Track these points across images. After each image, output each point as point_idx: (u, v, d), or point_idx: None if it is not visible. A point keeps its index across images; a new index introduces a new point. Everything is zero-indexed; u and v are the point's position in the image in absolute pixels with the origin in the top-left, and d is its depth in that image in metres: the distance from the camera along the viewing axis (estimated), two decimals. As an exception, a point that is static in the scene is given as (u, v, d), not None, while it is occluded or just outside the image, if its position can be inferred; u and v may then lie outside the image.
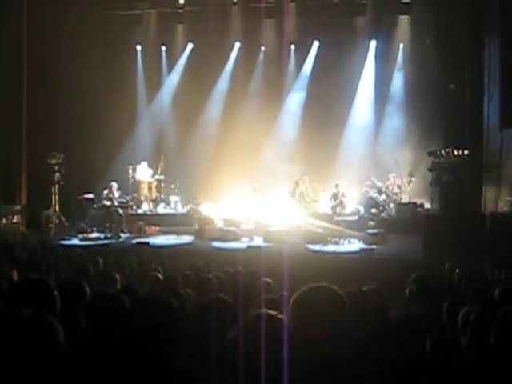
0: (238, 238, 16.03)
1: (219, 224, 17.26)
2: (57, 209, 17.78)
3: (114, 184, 17.11)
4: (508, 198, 14.97)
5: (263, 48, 20.81)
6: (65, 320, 2.67)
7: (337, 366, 2.45)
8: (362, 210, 18.03)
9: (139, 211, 18.96)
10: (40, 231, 17.09)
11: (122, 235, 16.41)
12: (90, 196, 17.80)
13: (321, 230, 15.96)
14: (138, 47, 21.22)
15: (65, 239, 15.78)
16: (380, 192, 18.43)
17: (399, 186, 18.67)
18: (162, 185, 19.84)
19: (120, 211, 16.94)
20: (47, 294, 3.59)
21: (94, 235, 16.39)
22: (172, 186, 19.64)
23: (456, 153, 15.22)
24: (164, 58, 21.46)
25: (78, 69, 18.91)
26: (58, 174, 17.71)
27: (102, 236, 16.25)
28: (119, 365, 2.66)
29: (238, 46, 20.98)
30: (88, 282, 4.60)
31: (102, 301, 3.67)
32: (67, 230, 17.00)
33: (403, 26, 19.78)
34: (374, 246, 14.71)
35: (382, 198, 18.39)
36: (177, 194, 19.66)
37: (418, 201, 18.05)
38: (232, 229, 16.46)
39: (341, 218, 16.56)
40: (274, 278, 6.43)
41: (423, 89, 18.80)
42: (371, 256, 13.77)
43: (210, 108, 20.92)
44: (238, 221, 17.30)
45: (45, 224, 17.41)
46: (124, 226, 16.94)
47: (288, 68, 20.77)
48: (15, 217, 17.01)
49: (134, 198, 18.78)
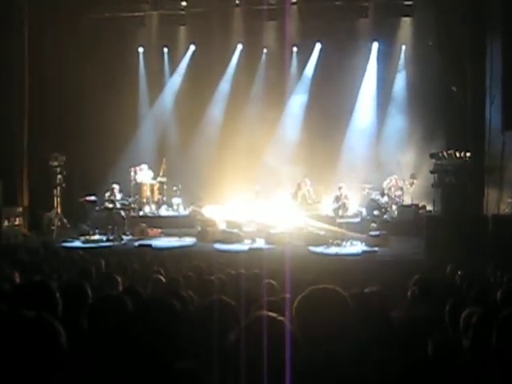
0: (240, 240, 16.04)
1: (221, 226, 17.26)
2: (59, 211, 17.81)
3: (116, 186, 17.13)
4: (510, 200, 14.94)
5: (265, 50, 20.81)
6: (67, 322, 2.67)
7: (339, 368, 2.46)
8: (364, 212, 18.03)
9: (141, 213, 18.97)
10: (42, 233, 17.11)
11: (124, 237, 16.44)
12: (92, 198, 17.80)
13: (323, 232, 15.97)
14: (141, 49, 21.24)
15: (67, 241, 15.79)
16: (382, 194, 18.43)
17: (401, 188, 18.67)
18: (165, 187, 19.85)
19: (122, 213, 16.94)
20: (49, 296, 3.59)
21: (96, 237, 16.42)
22: (174, 188, 19.67)
23: (458, 155, 15.22)
24: (166, 60, 21.47)
25: (80, 71, 18.92)
26: (60, 176, 17.74)
27: (104, 238, 16.27)
28: (121, 367, 2.66)
29: (240, 48, 20.98)
30: (90, 284, 4.60)
31: (104, 303, 3.67)
32: (69, 232, 17.03)
33: (405, 27, 19.78)
34: (376, 248, 14.70)
35: (384, 199, 18.40)
36: (179, 196, 19.69)
37: (420, 203, 18.06)
38: (234, 231, 16.47)
39: (343, 220, 16.55)
40: (275, 280, 6.42)
41: (425, 91, 18.78)
42: (373, 258, 13.76)
43: (211, 110, 20.92)
44: (240, 223, 17.29)
45: (47, 226, 17.43)
46: (126, 228, 16.95)
47: (290, 70, 20.76)
48: (17, 219, 17.02)
49: (136, 200, 18.79)
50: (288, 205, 17.73)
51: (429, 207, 17.74)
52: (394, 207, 18.31)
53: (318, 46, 20.43)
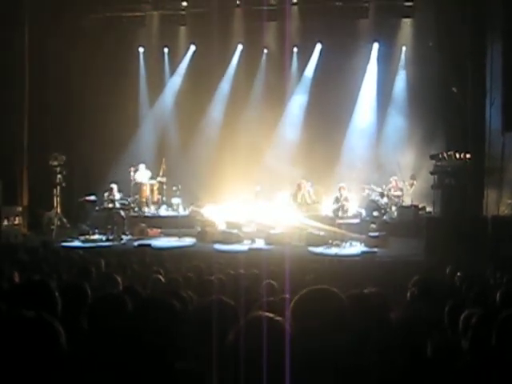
0: (240, 241, 16.05)
1: (221, 226, 17.26)
2: (58, 210, 17.81)
3: (114, 186, 17.11)
4: (510, 202, 14.94)
5: (266, 50, 20.81)
6: (66, 322, 2.67)
7: (337, 364, 2.45)
8: (364, 213, 18.02)
9: (141, 213, 18.96)
10: (42, 233, 17.10)
11: (123, 237, 16.45)
12: (92, 198, 17.79)
13: (322, 233, 15.98)
14: (141, 49, 21.23)
15: (66, 241, 15.79)
16: (382, 195, 18.43)
17: (401, 189, 18.67)
18: (164, 187, 19.85)
19: (122, 213, 16.94)
20: (48, 296, 3.59)
21: (96, 237, 16.42)
22: (174, 188, 19.67)
23: (458, 156, 15.24)
24: (166, 60, 21.47)
25: (80, 70, 18.95)
26: (59, 176, 17.74)
27: (104, 238, 16.28)
28: (121, 367, 2.66)
29: (240, 48, 20.99)
30: (89, 284, 4.60)
31: (103, 302, 3.67)
32: (69, 232, 17.02)
33: (405, 28, 19.78)
34: (375, 249, 14.70)
35: (384, 200, 18.39)
36: (179, 197, 19.69)
37: (420, 204, 18.07)
38: (234, 231, 16.47)
39: (343, 221, 16.54)
40: (275, 281, 6.43)
41: (425, 92, 18.79)
42: (373, 259, 13.76)
43: (212, 110, 20.93)
44: (240, 223, 17.29)
45: (46, 226, 17.43)
46: (126, 228, 16.95)
47: (290, 71, 20.77)
48: (17, 218, 17.02)
49: (135, 200, 18.79)
50: (288, 205, 17.73)
51: (428, 208, 17.77)
52: (393, 208, 18.31)
53: (319, 46, 20.43)
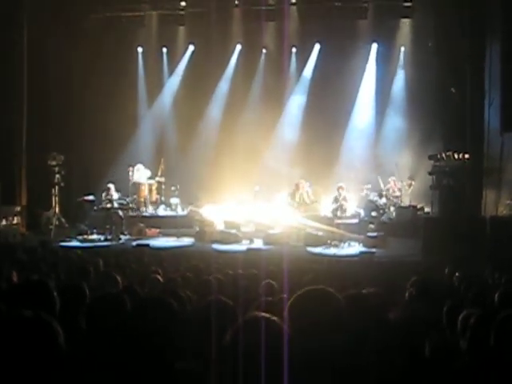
0: (238, 241, 16.05)
1: (220, 226, 17.25)
2: (57, 210, 17.79)
3: (111, 186, 17.08)
4: (508, 202, 14.95)
5: (264, 51, 20.82)
6: (64, 321, 2.67)
7: (334, 368, 2.45)
8: (363, 213, 18.02)
9: (139, 213, 18.94)
10: (40, 232, 17.09)
11: (122, 237, 16.45)
12: (91, 198, 17.78)
13: (321, 233, 15.98)
14: (140, 49, 21.22)
15: (65, 241, 15.79)
16: (380, 195, 18.43)
17: (399, 190, 18.69)
18: (163, 187, 19.86)
19: (120, 213, 16.94)
20: (47, 296, 3.59)
21: (94, 237, 16.41)
22: (172, 188, 19.68)
23: (456, 156, 15.24)
24: (165, 60, 21.46)
25: (78, 70, 18.96)
26: (58, 176, 17.73)
27: (102, 238, 16.28)
28: (119, 366, 2.66)
29: (239, 48, 20.99)
30: (88, 284, 4.59)
31: (102, 302, 3.66)
32: (67, 232, 17.01)
33: (404, 29, 19.79)
34: (373, 249, 14.71)
35: (383, 201, 18.40)
36: (177, 197, 19.68)
37: (418, 204, 18.07)
38: (232, 231, 16.47)
39: (341, 221, 16.54)
40: (274, 281, 6.42)
41: (424, 92, 18.77)
42: (371, 259, 13.75)
43: (210, 110, 20.93)
44: (238, 223, 17.29)
45: (45, 225, 17.41)
46: (124, 228, 16.96)
47: (289, 71, 20.77)
48: (15, 218, 17.02)
49: (134, 200, 18.78)
50: (286, 205, 17.73)
51: (427, 209, 17.77)
52: (392, 208, 18.32)
53: (317, 46, 20.44)
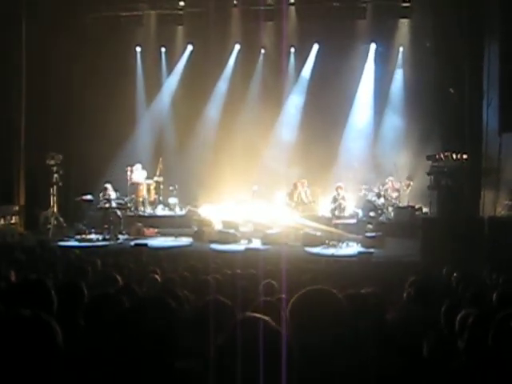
0: (236, 241, 16.04)
1: (218, 226, 17.25)
2: (55, 210, 17.77)
3: (109, 186, 17.06)
4: (506, 202, 14.98)
5: (263, 50, 20.81)
6: (62, 320, 2.67)
7: (334, 368, 2.46)
8: (361, 214, 18.02)
9: (138, 213, 18.93)
10: (38, 232, 17.06)
11: (120, 237, 16.43)
12: (89, 197, 17.76)
13: (319, 233, 15.98)
14: (138, 49, 21.20)
15: (63, 240, 15.78)
16: (378, 195, 18.44)
17: (398, 190, 18.70)
18: (161, 187, 19.86)
19: (118, 213, 16.92)
20: (45, 295, 3.58)
21: (92, 236, 16.40)
22: (171, 187, 19.68)
23: (455, 157, 15.25)
24: (164, 59, 21.45)
25: (77, 70, 18.95)
26: (56, 175, 17.71)
27: (101, 237, 16.27)
28: (117, 366, 2.65)
29: (237, 48, 20.98)
30: (86, 283, 4.59)
31: (100, 301, 3.66)
32: (65, 231, 17.00)
33: (403, 29, 19.79)
34: (372, 250, 14.70)
35: (381, 201, 18.40)
36: (175, 196, 19.68)
37: (417, 204, 18.08)
38: (231, 231, 16.46)
39: (339, 221, 16.54)
40: (272, 281, 6.41)
41: (422, 92, 18.77)
42: (369, 259, 13.74)
43: (209, 110, 20.93)
44: (236, 223, 17.29)
45: (43, 225, 17.39)
46: (122, 228, 16.94)
47: (287, 71, 20.77)
48: (13, 217, 17.02)
49: (132, 200, 18.77)
50: (284, 205, 17.73)
51: (425, 209, 17.78)
52: (390, 209, 18.33)
53: (316, 46, 20.45)
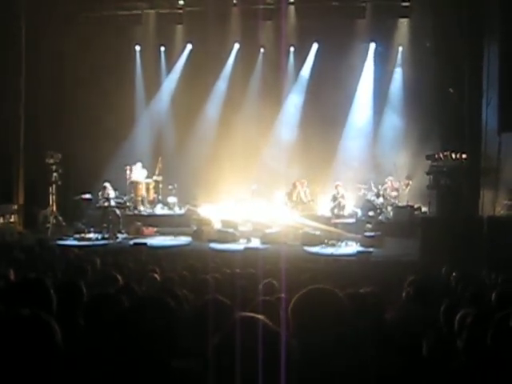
0: (235, 240, 16.04)
1: (217, 225, 17.24)
2: (54, 208, 17.76)
3: (107, 185, 17.06)
4: (505, 202, 14.97)
5: (262, 50, 20.78)
6: (62, 320, 2.67)
7: (334, 367, 2.45)
8: (360, 213, 18.02)
9: (137, 212, 18.92)
10: (37, 231, 17.05)
11: (119, 236, 16.42)
12: (88, 196, 17.76)
13: (318, 232, 15.98)
14: (137, 48, 21.18)
15: (62, 239, 15.77)
16: (378, 195, 18.44)
17: (397, 189, 18.69)
18: (160, 186, 19.84)
19: (117, 212, 16.91)
20: (44, 294, 3.58)
21: (91, 235, 16.39)
22: (170, 187, 19.66)
23: (454, 156, 15.25)
24: (163, 58, 21.42)
25: (76, 69, 18.93)
26: (55, 174, 17.70)
27: (100, 236, 16.26)
28: (117, 365, 2.65)
29: (237, 47, 20.95)
30: (85, 282, 4.59)
31: (99, 300, 3.66)
32: (64, 230, 16.99)
33: (402, 29, 19.78)
34: (371, 249, 14.71)
35: (380, 200, 18.40)
36: (175, 195, 19.66)
37: (416, 204, 18.08)
38: (230, 230, 16.46)
39: (338, 221, 16.56)
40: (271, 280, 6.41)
41: (422, 92, 18.76)
42: (368, 258, 13.75)
43: (208, 109, 20.89)
44: (235, 222, 17.28)
45: (42, 224, 17.38)
46: (121, 227, 16.92)
47: (287, 70, 20.73)
48: (12, 216, 17.01)
49: (131, 199, 18.77)
50: (284, 204, 17.73)
51: (424, 208, 17.78)
52: (389, 208, 18.33)
53: (315, 46, 20.42)
